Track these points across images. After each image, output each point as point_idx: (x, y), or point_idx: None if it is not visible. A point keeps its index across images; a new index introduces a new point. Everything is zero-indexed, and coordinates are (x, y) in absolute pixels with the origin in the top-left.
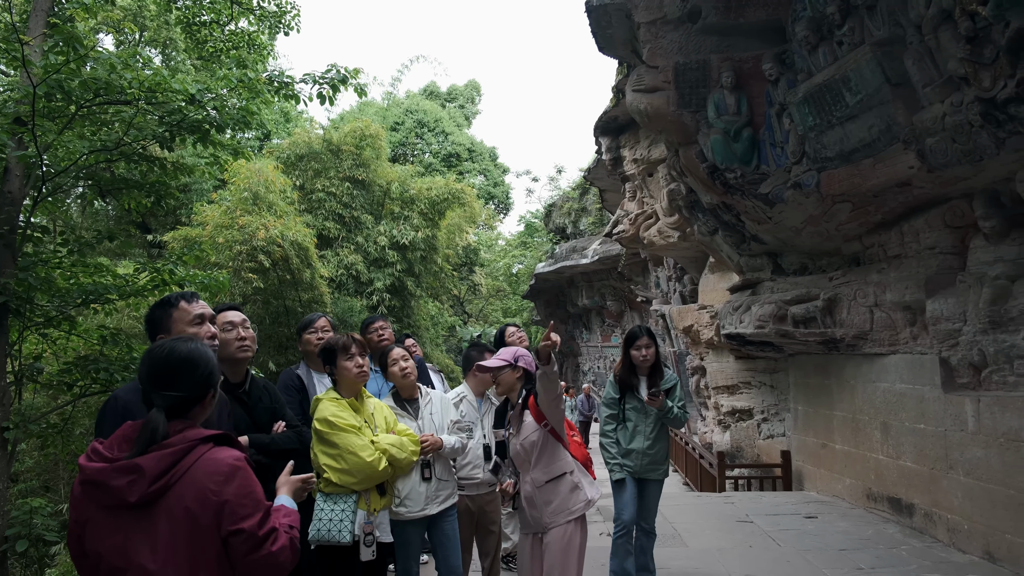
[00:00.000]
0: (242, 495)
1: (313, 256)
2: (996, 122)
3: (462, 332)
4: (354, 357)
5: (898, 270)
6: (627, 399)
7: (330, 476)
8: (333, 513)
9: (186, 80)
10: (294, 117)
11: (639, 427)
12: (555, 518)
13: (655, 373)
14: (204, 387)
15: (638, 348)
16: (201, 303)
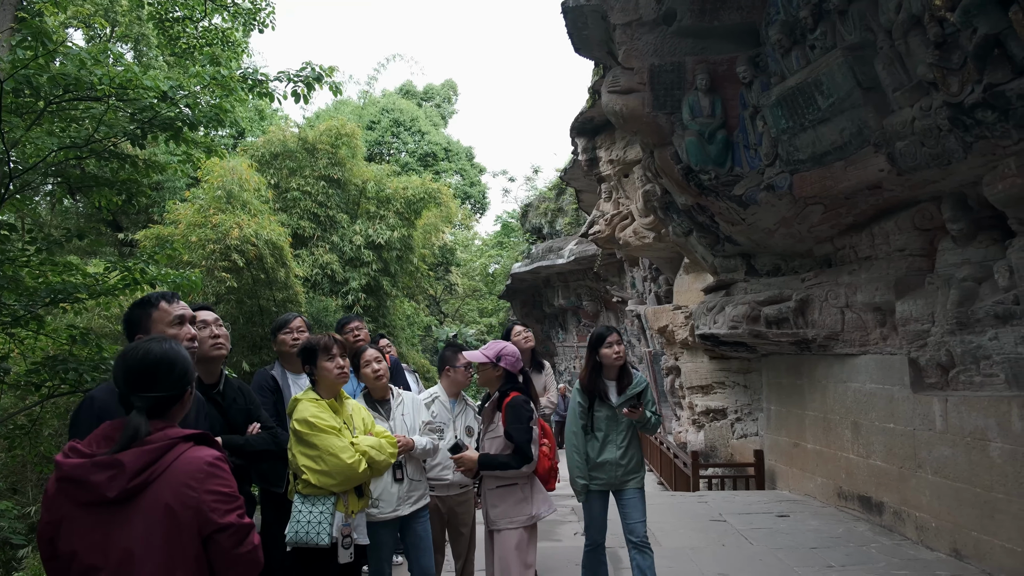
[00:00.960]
0: (222, 492)
1: (288, 255)
2: (963, 127)
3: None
4: (335, 358)
5: (868, 271)
6: (595, 407)
7: (309, 477)
8: (311, 515)
9: (158, 77)
10: (269, 115)
11: (610, 436)
12: (499, 521)
13: (623, 376)
14: (181, 386)
15: (609, 346)
16: (181, 304)
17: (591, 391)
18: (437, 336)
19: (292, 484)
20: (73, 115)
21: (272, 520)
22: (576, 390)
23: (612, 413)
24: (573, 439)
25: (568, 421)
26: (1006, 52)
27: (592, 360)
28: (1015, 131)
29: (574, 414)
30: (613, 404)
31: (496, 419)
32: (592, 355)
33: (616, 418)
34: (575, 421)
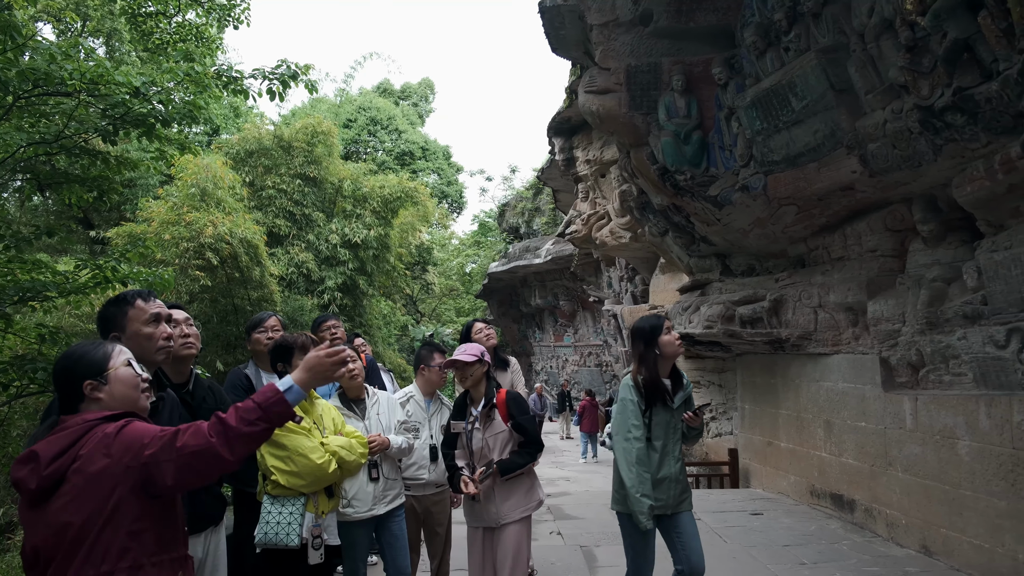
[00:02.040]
0: (136, 437)
1: (263, 254)
2: (934, 129)
3: (415, 331)
4: None
5: (841, 272)
6: (653, 412)
7: (278, 478)
8: (281, 516)
9: (130, 72)
10: (244, 112)
11: (668, 447)
12: (511, 513)
13: (674, 372)
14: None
15: (668, 332)
16: (158, 302)
17: (653, 391)
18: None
19: (261, 485)
20: (43, 110)
21: (244, 520)
22: (629, 388)
23: (671, 418)
24: (633, 449)
25: (619, 429)
26: (975, 56)
27: (650, 353)
28: (983, 134)
29: (628, 420)
30: (674, 406)
31: (494, 416)
32: (647, 347)
33: (675, 425)
34: (631, 428)
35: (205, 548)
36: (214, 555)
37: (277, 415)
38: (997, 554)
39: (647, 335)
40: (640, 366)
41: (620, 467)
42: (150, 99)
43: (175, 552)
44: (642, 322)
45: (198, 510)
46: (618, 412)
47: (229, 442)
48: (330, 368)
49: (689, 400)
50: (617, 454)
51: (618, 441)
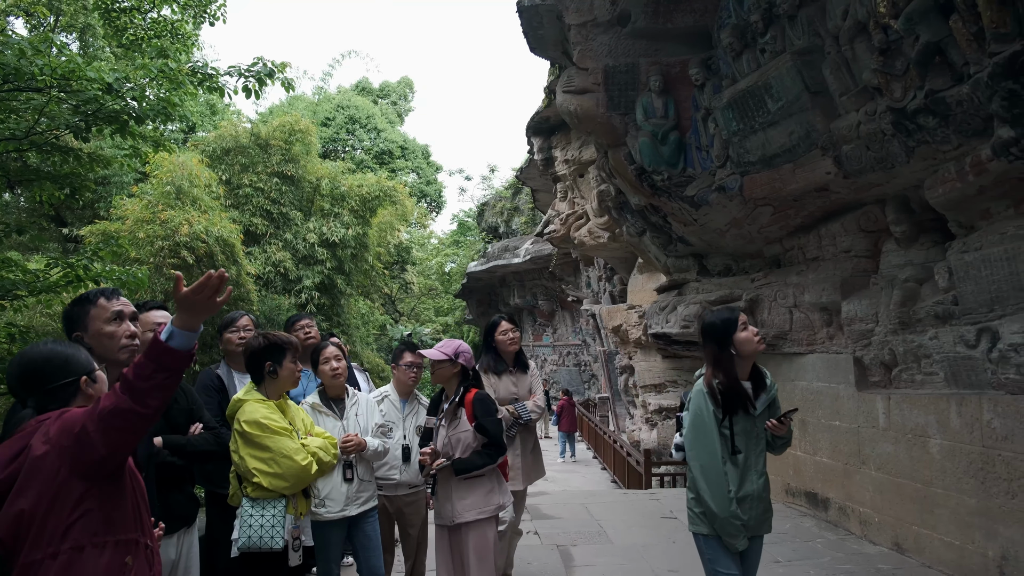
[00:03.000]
0: (71, 419)
1: (239, 252)
2: (906, 131)
3: (393, 331)
4: (297, 360)
5: (816, 272)
6: (733, 421)
7: (261, 480)
8: (263, 519)
9: (102, 68)
10: (221, 110)
11: (750, 460)
12: (466, 514)
13: (755, 372)
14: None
15: (744, 327)
16: (122, 300)
17: (732, 398)
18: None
19: (236, 488)
20: (13, 106)
21: (217, 522)
22: (703, 396)
23: (752, 427)
24: (713, 466)
25: (695, 442)
26: (947, 60)
27: (725, 354)
28: (955, 136)
29: (705, 432)
30: (755, 413)
31: (460, 416)
32: (721, 348)
33: (756, 434)
34: (710, 439)
35: (178, 549)
36: (187, 556)
37: (171, 364)
38: (967, 551)
39: (719, 333)
40: (715, 370)
41: (699, 486)
42: (123, 96)
43: (124, 535)
44: (713, 317)
45: (171, 511)
46: (692, 423)
47: (138, 396)
48: (205, 303)
49: (774, 404)
50: (694, 471)
51: (695, 456)
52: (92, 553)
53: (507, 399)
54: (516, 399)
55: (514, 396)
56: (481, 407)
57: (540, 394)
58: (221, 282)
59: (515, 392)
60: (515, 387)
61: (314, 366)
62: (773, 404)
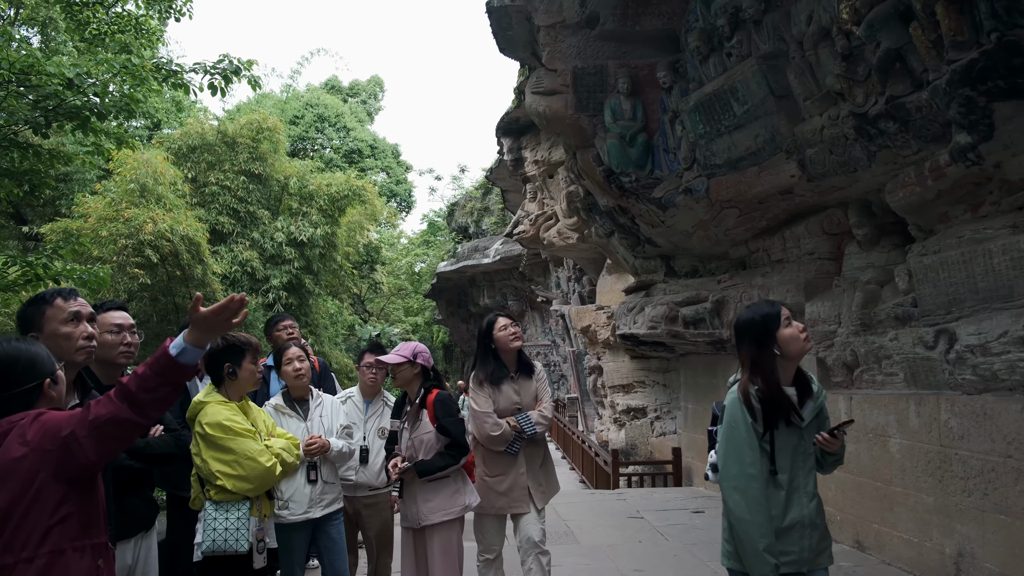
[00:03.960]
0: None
1: (205, 251)
2: (868, 136)
3: (361, 331)
4: (257, 361)
5: (780, 274)
6: (775, 435)
7: (224, 483)
8: (228, 522)
9: (63, 63)
10: (187, 107)
11: (797, 480)
12: (432, 516)
13: (800, 378)
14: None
15: (789, 323)
16: (79, 300)
17: (774, 407)
18: (361, 335)
19: (198, 492)
20: None
21: (178, 525)
22: (739, 405)
23: (799, 441)
24: (750, 488)
25: (728, 460)
26: (907, 66)
27: (766, 355)
28: (914, 141)
29: (740, 448)
30: (803, 424)
31: (422, 417)
32: (762, 347)
33: (804, 450)
34: (747, 457)
35: (135, 554)
36: (144, 561)
37: (177, 378)
38: (925, 548)
39: (758, 330)
40: (753, 375)
41: (732, 512)
42: (85, 91)
43: (97, 538)
44: (751, 313)
45: (128, 514)
46: (725, 437)
47: (140, 408)
48: (222, 324)
49: (821, 414)
50: (727, 495)
51: (728, 477)
52: (73, 557)
53: (509, 410)
54: (519, 409)
55: (517, 406)
56: (442, 408)
57: (548, 401)
58: (241, 306)
59: (518, 401)
60: (518, 395)
61: (276, 366)
62: (821, 414)
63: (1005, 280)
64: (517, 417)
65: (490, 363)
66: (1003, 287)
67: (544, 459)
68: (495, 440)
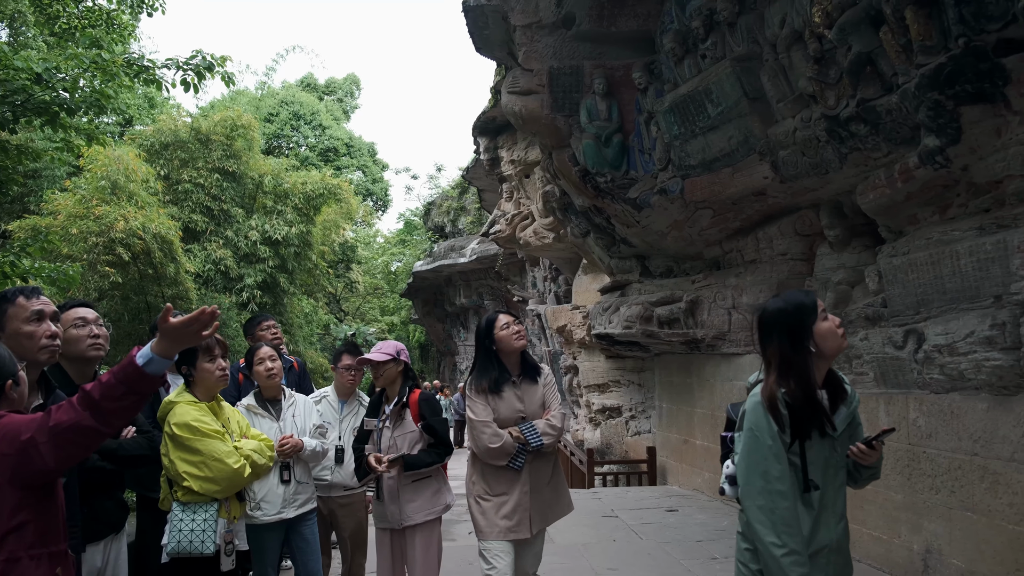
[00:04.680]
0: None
1: (178, 250)
2: (839, 138)
3: (337, 330)
4: (216, 359)
5: (754, 274)
6: (805, 445)
7: (191, 485)
8: (195, 523)
9: (31, 57)
10: (159, 103)
11: (827, 497)
12: (415, 516)
13: (831, 380)
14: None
15: (825, 317)
16: (43, 299)
17: (808, 414)
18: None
19: (167, 492)
20: None
21: (148, 527)
22: (762, 412)
23: (831, 453)
24: (777, 508)
25: (751, 474)
26: (877, 70)
27: (801, 352)
28: (884, 144)
29: (764, 461)
30: (835, 433)
31: (405, 416)
32: (796, 343)
33: (836, 463)
34: (773, 470)
35: (105, 557)
36: (114, 564)
37: (143, 388)
38: (894, 545)
39: (793, 323)
40: (784, 376)
41: (758, 536)
42: (54, 86)
43: (54, 546)
44: (780, 303)
45: (98, 516)
46: (747, 448)
47: (103, 417)
48: (191, 336)
49: (854, 421)
50: (750, 515)
51: (750, 494)
52: (28, 565)
53: (511, 419)
54: (523, 418)
55: (521, 415)
56: (428, 407)
57: (558, 409)
58: (212, 319)
59: (521, 409)
60: (521, 402)
61: (248, 366)
62: (853, 421)
63: (971, 281)
64: (521, 427)
65: (492, 367)
66: (970, 288)
67: (552, 475)
68: (495, 453)
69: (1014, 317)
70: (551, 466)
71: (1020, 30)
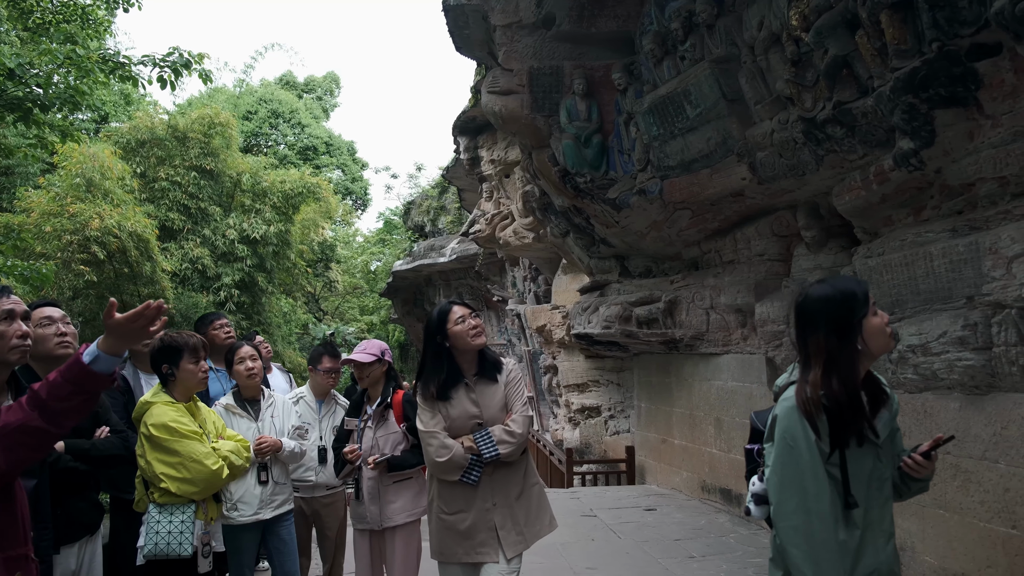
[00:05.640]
0: None
1: (154, 248)
2: (816, 140)
3: (315, 330)
4: (200, 360)
5: (731, 275)
6: (847, 455)
7: (168, 486)
8: (172, 525)
9: (3, 52)
10: (136, 100)
11: (872, 514)
12: (395, 517)
13: (871, 382)
14: None
15: (876, 313)
16: (12, 298)
17: (851, 418)
18: (315, 334)
19: (142, 494)
20: None
21: (122, 528)
22: (797, 417)
23: (874, 464)
24: (817, 530)
25: (785, 490)
26: (853, 73)
27: (847, 349)
28: (860, 146)
29: (802, 471)
30: (879, 440)
31: (388, 417)
32: (844, 338)
33: (881, 474)
34: (812, 485)
35: (79, 559)
36: (89, 566)
37: (91, 387)
38: None
39: (842, 314)
40: (827, 375)
41: (792, 561)
42: (27, 82)
43: (12, 550)
44: (830, 289)
45: (72, 518)
46: (781, 461)
47: (52, 417)
48: (137, 332)
49: (895, 428)
50: (785, 538)
51: (784, 514)
52: None
53: (466, 427)
54: (480, 424)
55: (476, 420)
56: (412, 408)
57: (521, 412)
58: (158, 313)
59: (477, 414)
60: (476, 406)
61: (228, 366)
62: (893, 428)
63: (944, 282)
64: (474, 435)
65: (441, 368)
66: (942, 289)
67: (523, 489)
68: (445, 467)
69: (985, 318)
70: (521, 477)
71: (992, 35)
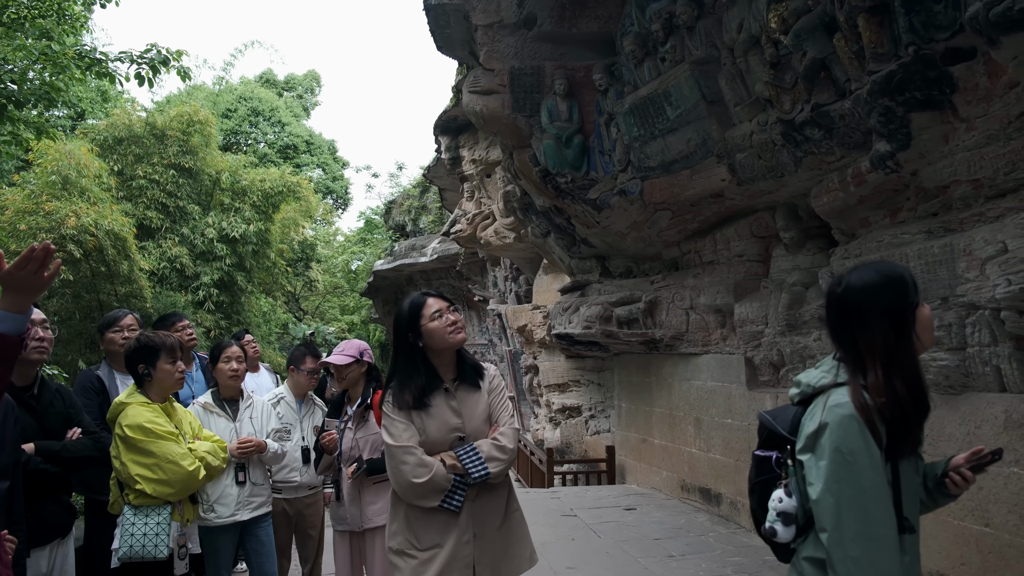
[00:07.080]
0: None
1: (132, 247)
2: (794, 142)
3: (295, 329)
4: (177, 361)
5: (711, 275)
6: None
7: (144, 488)
8: (147, 527)
9: None
10: (113, 97)
11: (916, 540)
12: (376, 519)
13: None
14: None
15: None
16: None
17: (912, 423)
18: (295, 334)
19: (117, 496)
20: None
21: (96, 530)
22: (857, 425)
23: (914, 475)
24: (883, 560)
25: (844, 505)
26: (831, 75)
27: (905, 345)
28: (838, 148)
29: (866, 489)
30: (921, 449)
31: (368, 418)
32: (901, 333)
33: (917, 487)
34: (872, 505)
35: (50, 562)
36: (60, 569)
37: (2, 351)
38: None
39: (896, 304)
40: (889, 374)
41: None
42: (1, 78)
43: None
44: (875, 275)
45: (43, 520)
46: (836, 478)
47: None
48: (32, 280)
49: None
50: (840, 568)
51: (842, 542)
52: None
53: (445, 441)
54: (462, 438)
55: (457, 434)
56: None
57: (509, 424)
58: (47, 255)
59: (459, 426)
60: (458, 416)
61: (213, 361)
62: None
63: (920, 283)
64: (457, 451)
65: (417, 372)
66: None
67: (506, 517)
68: (422, 491)
69: (960, 319)
70: (503, 503)
71: (967, 39)
